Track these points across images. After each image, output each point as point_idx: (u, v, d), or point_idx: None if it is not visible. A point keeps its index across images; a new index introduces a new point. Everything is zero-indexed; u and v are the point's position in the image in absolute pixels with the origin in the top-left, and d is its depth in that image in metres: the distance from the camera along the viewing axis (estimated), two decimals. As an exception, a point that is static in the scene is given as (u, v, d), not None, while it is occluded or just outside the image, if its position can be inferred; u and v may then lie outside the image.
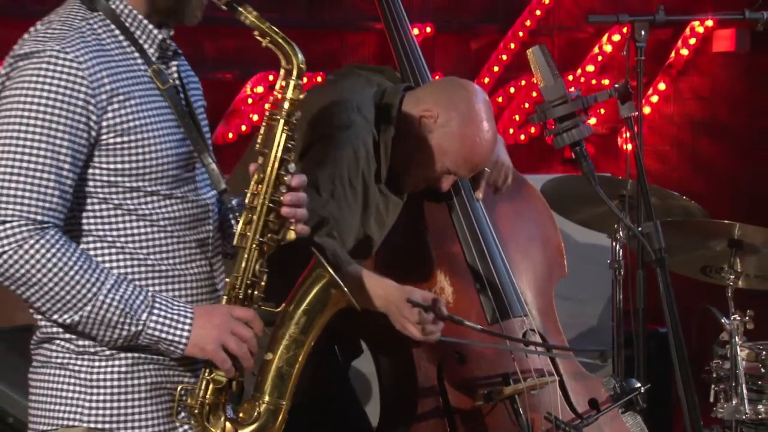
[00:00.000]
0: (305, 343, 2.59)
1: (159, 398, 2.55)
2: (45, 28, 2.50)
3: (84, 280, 2.42)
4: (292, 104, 2.58)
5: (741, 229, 3.99)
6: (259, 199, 2.56)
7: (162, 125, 2.52)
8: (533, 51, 3.03)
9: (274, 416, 2.57)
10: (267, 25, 2.57)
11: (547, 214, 3.89)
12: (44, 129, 2.41)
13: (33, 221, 2.40)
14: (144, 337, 2.47)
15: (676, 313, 2.93)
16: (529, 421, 3.48)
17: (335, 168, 3.22)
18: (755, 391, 4.04)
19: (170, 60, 2.60)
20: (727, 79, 6.26)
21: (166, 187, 2.53)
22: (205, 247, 2.61)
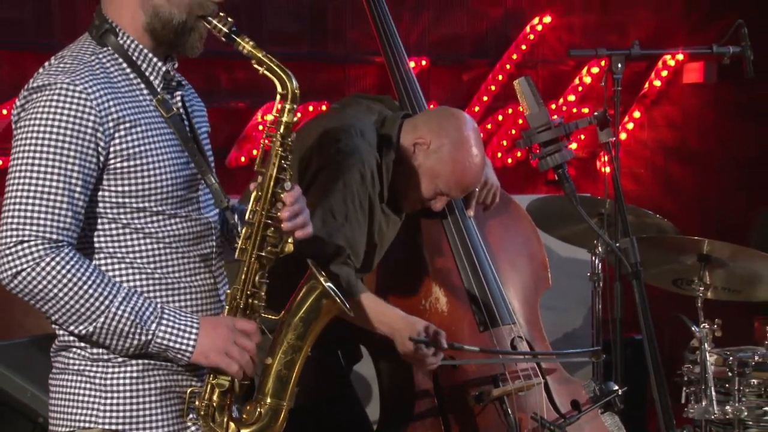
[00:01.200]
0: (302, 348, 2.59)
1: (168, 401, 2.54)
2: (57, 63, 2.51)
3: (97, 294, 2.41)
4: (287, 127, 2.55)
5: (709, 245, 3.98)
6: (257, 216, 2.55)
7: (165, 150, 2.52)
8: (519, 82, 3.03)
9: (275, 416, 2.56)
10: (263, 53, 2.55)
11: (532, 231, 3.89)
12: (57, 155, 2.41)
13: (49, 240, 2.40)
14: (153, 345, 2.46)
15: (651, 322, 2.93)
16: (517, 420, 3.48)
17: (346, 191, 3.23)
18: (723, 393, 4.03)
19: (174, 90, 2.60)
20: (696, 108, 6.26)
21: (171, 207, 2.53)
22: (209, 261, 2.60)
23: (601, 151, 5.69)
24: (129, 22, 2.54)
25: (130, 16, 2.54)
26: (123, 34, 2.53)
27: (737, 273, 4.11)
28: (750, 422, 4.11)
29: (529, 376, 3.56)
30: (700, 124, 6.27)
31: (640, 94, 6.13)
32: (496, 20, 5.92)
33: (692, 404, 4.03)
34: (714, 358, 3.98)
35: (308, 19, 5.53)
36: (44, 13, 5.07)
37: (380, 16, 3.82)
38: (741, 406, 4.01)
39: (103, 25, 2.54)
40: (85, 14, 5.06)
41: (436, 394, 3.50)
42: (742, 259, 4.09)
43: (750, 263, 4.14)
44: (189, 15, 2.54)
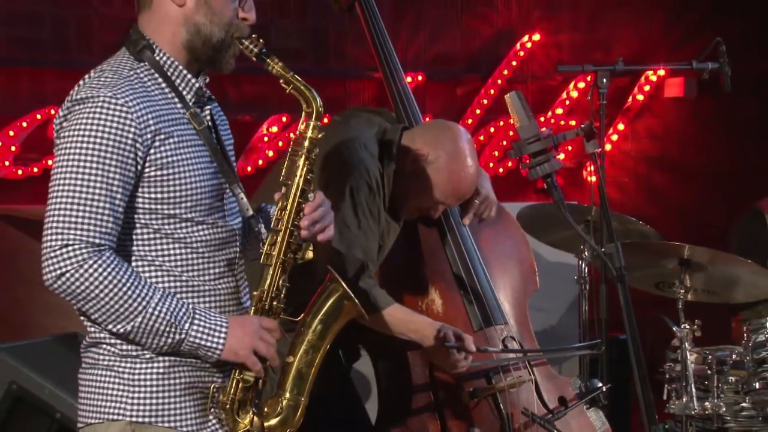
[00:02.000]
0: (321, 347, 2.61)
1: (192, 395, 2.54)
2: (98, 77, 2.51)
3: (135, 295, 2.42)
4: (312, 142, 2.58)
5: (690, 250, 3.99)
6: (282, 224, 2.57)
7: (197, 160, 2.53)
8: (510, 96, 3.03)
9: (294, 410, 2.57)
10: (291, 74, 2.59)
11: (522, 237, 3.89)
12: (99, 164, 2.43)
13: (91, 244, 2.41)
14: (186, 344, 2.48)
15: (634, 323, 2.93)
16: (509, 414, 3.48)
17: (356, 202, 3.24)
18: (702, 390, 4.04)
19: (205, 104, 2.61)
20: (677, 120, 6.27)
21: (199, 214, 2.54)
22: (232, 266, 2.61)
23: (588, 162, 5.69)
24: (168, 38, 2.55)
25: (170, 33, 2.55)
26: (159, 51, 2.55)
27: (716, 276, 4.11)
28: (728, 417, 4.11)
29: (520, 373, 3.56)
30: (681, 136, 6.27)
31: (624, 108, 6.14)
32: (488, 38, 5.93)
33: (673, 400, 4.03)
34: (694, 356, 3.99)
35: (311, 39, 5.54)
36: (61, 32, 5.09)
37: (378, 35, 3.83)
38: (719, 402, 4.01)
39: (140, 42, 2.55)
40: (99, 34, 5.08)
41: (432, 391, 3.50)
42: (720, 263, 4.09)
43: (727, 267, 4.14)
44: (227, 34, 2.57)
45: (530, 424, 3.50)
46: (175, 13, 2.55)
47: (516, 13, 5.97)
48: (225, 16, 2.56)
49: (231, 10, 2.57)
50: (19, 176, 4.93)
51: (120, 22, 2.62)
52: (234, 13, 2.58)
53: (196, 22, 2.55)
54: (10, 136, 4.89)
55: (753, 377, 4.00)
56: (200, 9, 2.55)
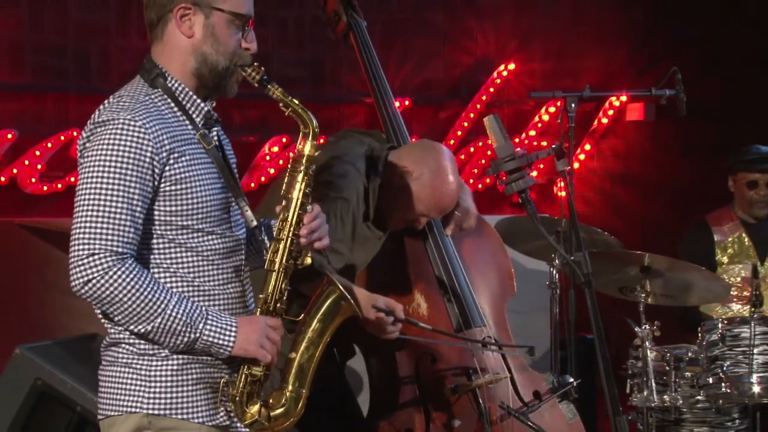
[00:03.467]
0: (320, 344, 2.61)
1: (204, 389, 2.54)
2: (116, 101, 2.52)
3: (155, 299, 2.42)
4: (309, 160, 2.59)
5: (650, 258, 3.98)
6: (284, 233, 2.57)
7: (207, 176, 2.53)
8: (488, 119, 3.03)
9: (297, 402, 2.58)
10: (290, 98, 2.60)
11: (500, 246, 3.89)
12: (121, 180, 2.42)
13: (115, 253, 2.40)
14: (200, 342, 2.48)
15: (600, 324, 2.92)
16: (487, 408, 3.47)
17: (331, 206, 3.22)
18: (661, 384, 4.03)
19: (212, 126, 2.62)
20: (638, 142, 6.28)
21: (209, 225, 2.53)
22: (238, 272, 2.61)
23: (558, 178, 5.69)
24: (178, 67, 2.56)
25: (180, 62, 2.55)
26: (171, 78, 2.55)
27: (673, 282, 4.11)
28: (684, 409, 4.12)
29: (498, 371, 3.55)
30: (641, 156, 6.28)
31: (590, 130, 6.14)
32: (468, 67, 5.93)
33: (635, 393, 4.02)
34: (654, 354, 3.98)
35: (309, 67, 5.54)
36: (83, 61, 5.08)
37: (370, 64, 3.83)
38: (677, 395, 4.01)
39: (154, 70, 2.55)
40: (117, 63, 5.07)
41: (418, 386, 3.48)
42: (677, 270, 4.09)
43: (684, 273, 4.14)
44: (231, 63, 2.57)
45: (507, 416, 3.49)
46: (184, 44, 2.55)
47: (493, 45, 5.97)
48: (229, 47, 2.56)
49: (235, 41, 2.57)
50: (44, 192, 4.91)
51: (136, 52, 2.62)
52: (237, 44, 2.58)
53: (203, 52, 2.55)
54: (37, 156, 4.88)
55: (707, 373, 4.00)
56: (207, 40, 2.55)
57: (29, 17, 4.97)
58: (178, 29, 2.54)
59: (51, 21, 5.01)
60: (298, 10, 5.46)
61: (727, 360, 3.95)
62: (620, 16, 6.16)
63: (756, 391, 3.91)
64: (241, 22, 2.57)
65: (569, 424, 3.65)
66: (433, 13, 5.85)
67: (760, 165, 4.78)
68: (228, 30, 2.55)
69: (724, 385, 3.93)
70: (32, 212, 4.91)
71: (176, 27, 2.54)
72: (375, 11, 5.54)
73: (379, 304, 3.17)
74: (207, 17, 2.54)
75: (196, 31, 2.54)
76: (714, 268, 4.85)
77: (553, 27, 6.09)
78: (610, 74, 6.10)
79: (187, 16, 2.54)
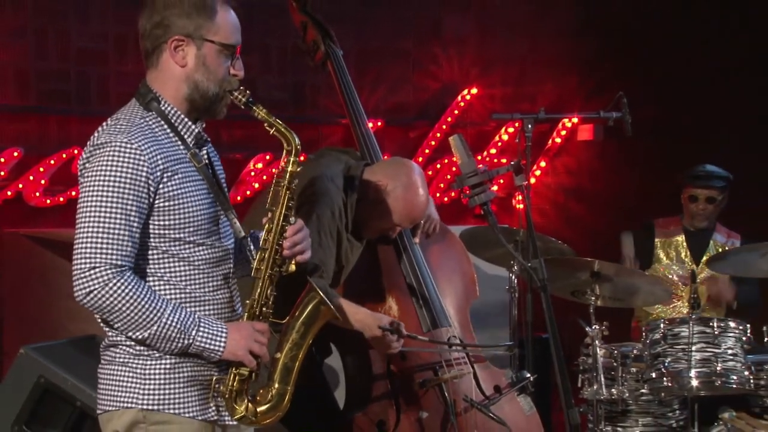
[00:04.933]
0: (303, 345, 2.60)
1: (195, 387, 2.52)
2: (114, 124, 2.50)
3: (152, 308, 2.41)
4: (292, 175, 2.57)
5: (599, 265, 4.00)
6: (268, 244, 2.56)
7: (197, 193, 2.52)
8: (453, 138, 3.03)
9: (282, 398, 2.57)
10: (273, 118, 2.58)
11: (464, 254, 3.89)
12: (118, 198, 2.41)
13: (114, 266, 2.39)
14: (193, 347, 2.46)
15: (555, 324, 2.93)
16: (452, 400, 3.46)
17: (320, 224, 3.23)
18: (609, 379, 4.04)
19: (203, 146, 2.60)
20: (588, 159, 6.30)
21: (200, 237, 2.52)
22: (227, 280, 2.59)
23: (516, 192, 5.69)
24: (172, 93, 2.54)
25: (174, 88, 2.54)
26: (165, 102, 2.53)
27: (620, 286, 4.13)
28: (630, 401, 4.13)
29: (462, 366, 3.54)
30: (591, 172, 6.30)
31: (545, 149, 6.16)
32: (435, 91, 5.94)
33: (586, 387, 4.03)
34: (602, 351, 3.99)
35: (291, 91, 5.53)
36: (84, 86, 5.05)
37: (346, 88, 3.83)
38: (623, 389, 4.02)
39: (149, 95, 2.53)
40: (115, 87, 5.05)
41: (390, 382, 3.48)
42: (623, 276, 4.11)
43: (629, 278, 4.16)
44: (220, 88, 2.55)
45: (470, 408, 3.49)
46: (178, 73, 2.54)
47: (457, 71, 5.98)
48: (219, 74, 2.55)
49: (224, 68, 2.56)
50: (47, 205, 4.88)
51: (132, 78, 2.61)
52: (227, 71, 2.57)
53: (195, 80, 2.54)
54: (41, 172, 4.85)
55: (650, 368, 4.01)
56: (199, 69, 2.54)
57: (35, 46, 4.95)
58: (171, 59, 2.53)
59: (54, 50, 4.99)
60: (281, 40, 5.46)
61: (668, 357, 3.97)
62: (572, 46, 6.19)
63: (694, 384, 3.93)
64: (229, 52, 2.56)
65: (526, 415, 3.66)
66: (403, 42, 5.87)
67: (702, 182, 4.84)
68: (218, 59, 2.54)
69: (666, 379, 3.95)
70: (36, 223, 4.88)
71: (170, 56, 2.53)
72: (350, 41, 5.54)
73: (385, 324, 3.20)
74: (199, 48, 2.52)
75: (189, 61, 2.53)
76: (651, 263, 4.89)
77: (512, 56, 6.11)
78: (563, 98, 6.13)
79: (180, 47, 2.52)
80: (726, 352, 3.94)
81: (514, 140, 5.82)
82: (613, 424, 4.15)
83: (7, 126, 4.89)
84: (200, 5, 2.51)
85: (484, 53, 6.05)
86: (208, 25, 2.52)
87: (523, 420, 3.63)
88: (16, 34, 4.91)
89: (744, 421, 4.04)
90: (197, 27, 2.51)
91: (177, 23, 2.51)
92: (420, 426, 3.45)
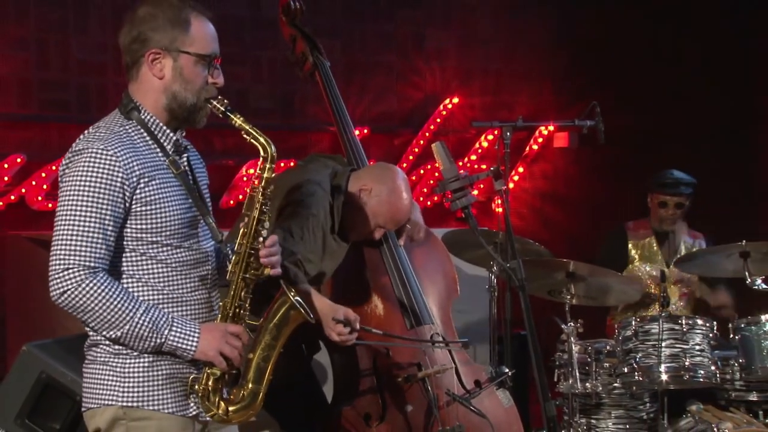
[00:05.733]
0: (276, 347, 2.56)
1: (172, 384, 2.50)
2: (94, 132, 2.49)
3: (124, 308, 2.38)
4: (267, 181, 2.53)
5: (574, 265, 4.01)
6: (243, 248, 2.52)
7: (174, 198, 2.49)
8: (436, 145, 3.03)
9: (255, 397, 2.53)
10: (250, 126, 2.54)
11: (446, 255, 3.89)
12: (93, 202, 2.39)
13: (87, 267, 2.36)
14: (165, 346, 2.44)
15: (532, 322, 2.93)
16: (435, 395, 3.46)
17: (304, 222, 3.21)
18: (584, 373, 4.05)
19: (182, 153, 2.57)
20: (563, 165, 6.31)
21: (177, 240, 2.49)
22: (205, 281, 2.56)
23: (496, 196, 5.71)
24: (151, 103, 2.52)
25: (153, 99, 2.51)
26: (145, 111, 2.51)
27: (594, 285, 4.13)
28: (603, 395, 4.14)
29: (444, 363, 3.54)
30: (566, 177, 6.32)
31: (523, 155, 6.17)
32: (418, 101, 5.95)
33: (562, 382, 4.04)
34: (577, 347, 4.00)
35: (280, 100, 5.52)
36: (83, 95, 5.04)
37: (333, 98, 3.82)
38: (597, 383, 4.02)
39: (130, 104, 2.51)
40: (114, 97, 5.02)
41: (376, 377, 3.47)
42: (597, 276, 4.12)
43: (603, 278, 4.17)
44: (198, 98, 2.52)
45: (452, 402, 3.48)
46: (156, 84, 2.52)
47: (440, 82, 5.99)
48: (196, 84, 2.52)
49: (202, 78, 2.52)
50: (48, 209, 4.85)
51: (131, 87, 2.58)
52: (204, 80, 2.53)
53: (173, 90, 2.51)
54: (42, 177, 4.83)
55: (622, 363, 4.02)
56: (176, 80, 2.51)
57: (37, 58, 4.93)
58: (150, 71, 2.51)
59: (55, 61, 4.97)
60: (271, 52, 5.45)
61: (639, 352, 3.98)
62: (547, 58, 6.21)
63: (664, 379, 3.94)
64: (206, 62, 2.52)
65: (505, 408, 3.65)
66: (387, 55, 5.87)
67: (671, 189, 4.87)
68: (195, 69, 2.51)
69: (637, 374, 3.96)
70: (38, 226, 4.85)
71: (149, 69, 2.51)
72: (338, 53, 5.55)
73: (338, 316, 3.17)
74: (175, 60, 2.50)
75: (166, 73, 2.50)
76: (626, 264, 4.91)
77: (490, 67, 6.12)
78: (540, 107, 6.14)
79: (157, 60, 2.50)
80: (694, 348, 3.95)
81: (494, 147, 5.83)
82: (587, 417, 4.15)
83: (11, 133, 4.86)
84: (174, 19, 2.49)
85: (464, 65, 6.06)
86: (183, 37, 2.49)
87: (502, 413, 3.63)
88: (19, 46, 4.89)
89: (711, 414, 4.05)
90: (172, 40, 2.49)
91: (153, 37, 2.49)
92: (404, 418, 3.44)
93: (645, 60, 6.29)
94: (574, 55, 6.22)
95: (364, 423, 3.41)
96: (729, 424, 3.80)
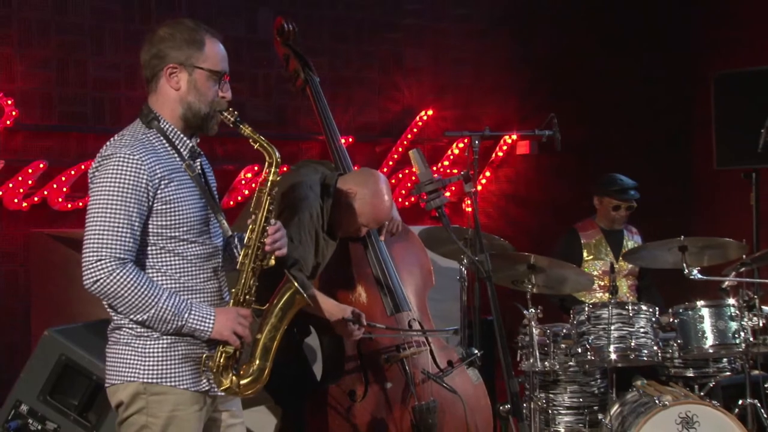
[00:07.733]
0: (281, 328, 2.58)
1: (188, 362, 2.51)
2: (120, 139, 2.50)
3: (150, 294, 2.40)
4: (272, 183, 2.56)
5: (535, 258, 4.01)
6: (252, 242, 2.55)
7: (190, 198, 2.50)
8: (413, 152, 3.03)
9: (262, 372, 2.55)
10: (257, 135, 2.58)
11: (422, 249, 3.89)
12: (122, 201, 2.40)
13: (117, 258, 2.38)
14: (185, 328, 2.45)
15: (498, 308, 2.93)
16: (412, 373, 3.46)
17: (300, 225, 3.22)
18: (543, 354, 4.05)
19: (196, 158, 2.59)
20: (525, 170, 6.32)
21: (192, 236, 2.50)
22: (216, 272, 2.57)
23: (466, 198, 5.71)
24: (169, 113, 2.53)
25: (170, 109, 2.53)
26: (163, 121, 2.53)
27: (552, 276, 4.14)
28: (560, 372, 4.15)
29: (420, 345, 3.54)
30: (528, 181, 6.33)
31: (490, 161, 6.18)
32: (397, 113, 5.94)
33: (524, 361, 4.04)
34: (538, 331, 4.00)
35: (275, 112, 5.51)
36: (99, 108, 5.01)
37: (322, 110, 3.82)
38: (555, 362, 4.03)
39: (150, 115, 2.53)
40: (125, 109, 5.01)
41: (359, 358, 3.47)
42: (555, 267, 4.12)
43: (560, 270, 4.17)
44: (210, 109, 2.55)
45: (427, 379, 3.49)
46: (173, 96, 2.53)
47: (416, 96, 5.98)
48: (209, 96, 2.55)
49: (213, 91, 2.55)
50: (68, 209, 4.83)
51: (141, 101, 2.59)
52: (215, 94, 2.56)
53: (188, 101, 2.53)
54: (63, 181, 4.81)
55: (577, 344, 4.03)
56: (191, 92, 2.53)
57: (57, 75, 4.91)
58: (167, 84, 2.53)
59: (74, 78, 4.95)
60: (267, 69, 5.45)
61: (591, 335, 3.99)
62: (511, 75, 6.23)
63: (612, 357, 3.95)
64: (217, 77, 2.56)
65: (474, 385, 3.66)
66: (370, 72, 5.86)
67: (623, 195, 4.93)
68: (207, 83, 2.54)
69: (590, 353, 3.97)
70: (59, 225, 4.84)
71: (166, 82, 2.53)
72: (326, 70, 5.55)
73: (348, 316, 3.18)
74: (190, 74, 2.53)
75: (182, 86, 2.53)
76: (581, 263, 4.92)
77: (461, 83, 6.13)
78: (504, 119, 6.15)
79: (174, 74, 2.53)
80: (639, 330, 3.96)
81: (464, 154, 5.83)
82: (546, 392, 4.16)
83: (34, 142, 4.84)
84: (190, 39, 2.52)
85: (438, 81, 6.06)
86: (197, 54, 2.52)
87: (471, 389, 3.64)
88: (42, 65, 4.88)
89: (653, 388, 4.07)
90: (188, 57, 2.51)
91: (171, 54, 2.51)
92: (384, 395, 3.44)
93: (596, 78, 6.33)
94: (535, 73, 6.24)
95: (348, 399, 3.41)
96: (669, 396, 3.83)
